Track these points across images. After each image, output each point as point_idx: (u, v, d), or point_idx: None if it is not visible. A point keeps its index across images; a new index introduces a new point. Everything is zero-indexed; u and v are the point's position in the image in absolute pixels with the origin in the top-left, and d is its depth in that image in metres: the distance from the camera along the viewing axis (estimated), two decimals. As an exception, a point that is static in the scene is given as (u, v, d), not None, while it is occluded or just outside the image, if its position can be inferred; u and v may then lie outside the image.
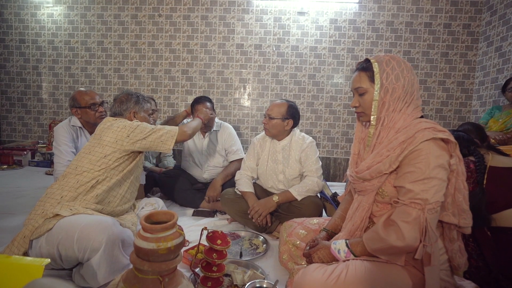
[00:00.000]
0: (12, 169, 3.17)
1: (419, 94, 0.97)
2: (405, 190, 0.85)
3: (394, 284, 0.85)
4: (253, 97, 3.49)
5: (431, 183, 0.82)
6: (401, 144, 0.88)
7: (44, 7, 3.55)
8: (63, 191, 1.29)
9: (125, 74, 3.56)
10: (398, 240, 0.81)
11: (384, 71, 0.93)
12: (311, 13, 3.33)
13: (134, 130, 1.40)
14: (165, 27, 3.47)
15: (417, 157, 0.84)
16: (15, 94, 3.71)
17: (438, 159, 0.83)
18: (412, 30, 3.28)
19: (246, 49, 3.42)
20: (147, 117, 1.62)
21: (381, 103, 0.93)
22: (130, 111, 1.56)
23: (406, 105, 0.93)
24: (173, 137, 1.45)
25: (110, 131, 1.40)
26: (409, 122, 0.92)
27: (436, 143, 0.84)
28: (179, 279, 0.85)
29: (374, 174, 0.93)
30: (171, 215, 0.87)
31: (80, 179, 1.32)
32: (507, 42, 2.80)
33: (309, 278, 0.88)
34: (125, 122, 1.44)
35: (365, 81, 0.97)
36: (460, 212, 0.87)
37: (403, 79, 0.92)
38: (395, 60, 0.94)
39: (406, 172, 0.86)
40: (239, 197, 1.88)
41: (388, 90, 0.92)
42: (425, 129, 0.86)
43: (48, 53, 3.61)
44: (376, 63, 0.95)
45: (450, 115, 3.35)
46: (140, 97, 1.61)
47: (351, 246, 0.94)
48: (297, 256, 1.25)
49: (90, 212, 1.26)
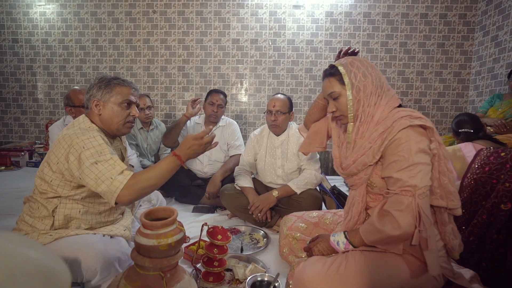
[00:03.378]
0: (9, 170, 3.15)
1: (388, 86, 1.00)
2: (393, 180, 0.87)
3: (393, 273, 0.87)
4: (250, 92, 3.48)
5: (417, 168, 0.84)
6: (381, 135, 0.91)
7: (36, 6, 3.50)
8: (30, 219, 1.10)
9: (120, 72, 3.53)
10: (394, 229, 0.83)
11: (351, 71, 0.97)
12: (307, 6, 3.30)
13: (75, 155, 1.01)
14: (160, 23, 3.43)
15: (398, 145, 0.87)
16: (10, 94, 3.68)
17: (418, 144, 0.85)
18: (408, 21, 3.26)
19: (242, 44, 3.40)
20: (119, 109, 1.14)
21: (356, 101, 0.97)
22: (92, 100, 1.14)
23: (380, 98, 0.97)
24: (112, 193, 0.98)
25: (56, 149, 1.06)
26: (387, 114, 0.95)
27: (414, 130, 0.87)
28: (180, 275, 0.86)
29: (360, 167, 0.96)
30: (171, 211, 0.88)
31: (38, 205, 1.09)
32: (503, 31, 2.79)
33: (309, 271, 0.89)
34: (72, 135, 1.05)
35: (336, 85, 1.00)
36: (447, 194, 0.88)
37: (370, 75, 0.96)
38: (357, 61, 0.99)
39: (391, 162, 0.88)
40: (239, 193, 1.89)
41: (360, 88, 0.96)
42: (402, 117, 0.89)
43: (42, 52, 3.57)
44: (341, 66, 0.99)
45: (447, 106, 3.35)
46: (112, 80, 1.16)
47: (349, 237, 0.95)
48: (297, 249, 1.26)
49: (73, 233, 1.08)
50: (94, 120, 1.16)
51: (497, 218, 1.05)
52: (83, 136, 1.04)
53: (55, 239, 1.06)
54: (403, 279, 0.86)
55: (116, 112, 1.15)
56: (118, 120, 1.16)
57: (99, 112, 1.15)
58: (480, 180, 1.11)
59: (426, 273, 0.86)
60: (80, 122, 1.14)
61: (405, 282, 0.86)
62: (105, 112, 1.14)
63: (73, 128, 1.11)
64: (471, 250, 1.12)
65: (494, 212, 1.06)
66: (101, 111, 1.15)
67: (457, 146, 1.61)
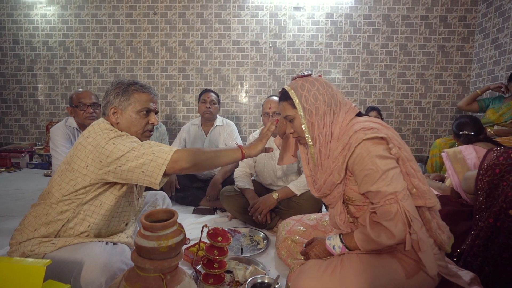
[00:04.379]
0: (10, 171, 3.15)
1: (344, 98, 1.00)
2: (373, 193, 0.87)
3: (388, 275, 0.87)
4: (251, 94, 3.48)
5: (389, 175, 0.84)
6: (341, 153, 0.91)
7: (37, 7, 3.52)
8: (36, 223, 1.05)
9: (121, 73, 3.54)
10: (389, 240, 0.84)
11: (301, 95, 0.96)
12: (307, 8, 3.31)
13: (103, 153, 0.97)
14: (161, 25, 3.44)
15: (362, 160, 0.87)
16: (11, 96, 3.69)
17: (379, 153, 0.86)
18: (409, 24, 3.27)
19: (242, 46, 3.41)
20: (138, 117, 1.10)
21: (310, 124, 0.97)
22: (110, 108, 1.09)
23: (336, 115, 0.96)
24: (159, 167, 0.96)
25: (82, 151, 1.01)
26: (345, 127, 0.95)
27: (370, 141, 0.87)
28: (181, 277, 0.86)
29: (330, 187, 0.97)
30: (171, 213, 0.88)
31: (50, 211, 1.04)
32: (503, 33, 2.80)
33: (305, 275, 0.90)
34: (99, 137, 1.01)
35: (289, 109, 1.00)
36: (422, 194, 0.88)
37: (321, 96, 0.95)
38: (308, 82, 0.98)
39: (363, 177, 0.88)
40: (239, 194, 1.88)
41: (312, 111, 0.95)
42: (356, 131, 0.89)
43: (43, 54, 3.58)
44: (292, 90, 0.98)
45: (448, 108, 3.36)
46: (129, 86, 1.11)
47: (345, 241, 0.96)
48: (296, 252, 1.27)
49: (76, 241, 1.04)
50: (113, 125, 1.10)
51: (504, 223, 1.02)
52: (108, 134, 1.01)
53: (58, 247, 1.02)
54: (398, 280, 0.87)
55: (134, 121, 1.10)
56: (136, 129, 1.11)
57: (116, 120, 1.09)
58: (493, 183, 1.07)
59: (420, 272, 0.87)
60: (100, 124, 1.07)
61: (400, 283, 0.87)
62: (122, 120, 1.09)
63: (94, 132, 1.04)
64: (475, 254, 1.10)
65: (501, 217, 1.03)
66: (119, 119, 1.09)
67: (457, 149, 1.61)
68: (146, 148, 0.99)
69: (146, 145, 1.00)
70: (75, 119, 1.89)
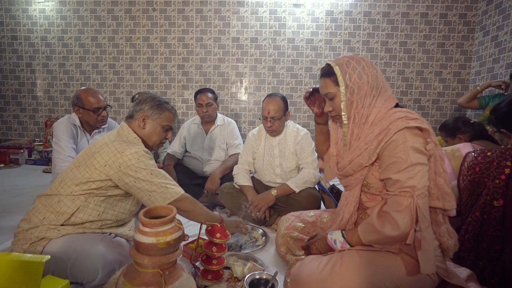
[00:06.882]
0: (9, 168, 3.15)
1: (386, 85, 1.00)
2: (392, 181, 0.87)
3: (388, 272, 0.88)
4: (250, 91, 3.48)
5: (415, 169, 0.84)
6: (377, 137, 0.91)
7: (35, 3, 3.49)
8: (46, 211, 1.12)
9: (120, 70, 3.53)
10: (393, 230, 0.83)
11: (346, 72, 0.96)
12: (307, 5, 3.30)
13: (126, 161, 1.11)
14: (160, 21, 3.42)
15: (395, 147, 0.87)
16: (9, 92, 3.67)
17: (415, 145, 0.86)
18: (409, 21, 3.26)
19: (242, 43, 3.40)
20: (161, 131, 1.28)
21: (349, 102, 0.97)
22: (141, 114, 1.25)
23: (375, 99, 0.96)
24: (164, 200, 1.16)
25: (105, 151, 1.13)
26: (383, 114, 0.95)
27: (410, 131, 0.87)
28: (179, 273, 0.86)
29: (356, 168, 0.96)
30: (169, 209, 0.88)
31: (62, 199, 1.12)
32: (503, 31, 2.79)
33: (305, 270, 0.91)
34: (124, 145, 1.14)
35: (331, 86, 1.00)
36: (444, 195, 0.89)
37: (366, 76, 0.95)
38: (354, 60, 0.97)
39: (389, 164, 0.88)
40: (238, 191, 1.89)
41: (354, 89, 0.95)
42: (398, 119, 0.89)
43: (41, 49, 3.56)
44: (337, 66, 0.97)
45: (447, 106, 3.36)
46: (164, 104, 1.29)
47: (347, 236, 0.96)
48: (295, 248, 1.27)
49: (80, 230, 1.12)
50: (135, 131, 1.25)
51: (490, 215, 1.06)
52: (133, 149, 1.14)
53: (62, 235, 1.09)
54: (398, 277, 0.87)
55: (157, 132, 1.28)
56: (155, 139, 1.29)
57: (143, 126, 1.25)
58: (475, 181, 1.13)
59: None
60: (126, 133, 1.23)
61: (400, 280, 0.87)
62: (148, 128, 1.26)
63: (120, 138, 1.19)
64: (467, 249, 1.13)
65: (487, 209, 1.07)
66: (146, 126, 1.26)
67: (455, 147, 1.62)
68: (160, 178, 1.16)
69: (160, 175, 1.17)
70: (83, 119, 1.87)
